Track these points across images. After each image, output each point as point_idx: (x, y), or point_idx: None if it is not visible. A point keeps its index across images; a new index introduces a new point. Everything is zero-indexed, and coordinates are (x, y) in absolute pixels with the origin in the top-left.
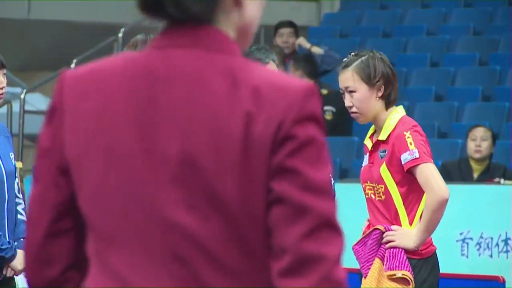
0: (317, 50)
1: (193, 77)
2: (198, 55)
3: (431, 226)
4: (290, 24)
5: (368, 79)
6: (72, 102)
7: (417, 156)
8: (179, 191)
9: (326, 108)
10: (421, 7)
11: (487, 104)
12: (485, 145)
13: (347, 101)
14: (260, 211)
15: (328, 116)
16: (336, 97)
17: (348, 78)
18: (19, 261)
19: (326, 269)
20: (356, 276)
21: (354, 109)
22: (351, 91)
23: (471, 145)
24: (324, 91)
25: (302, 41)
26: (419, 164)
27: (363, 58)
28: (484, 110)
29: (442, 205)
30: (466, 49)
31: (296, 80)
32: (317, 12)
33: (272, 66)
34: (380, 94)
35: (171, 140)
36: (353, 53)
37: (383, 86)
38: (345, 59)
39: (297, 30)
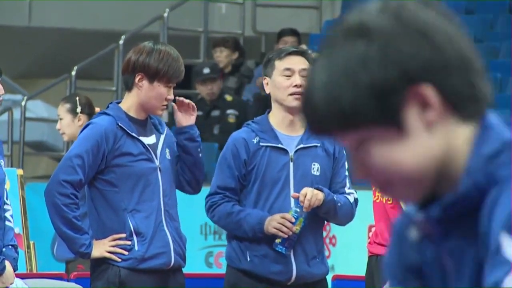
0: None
1: None
2: None
3: None
4: (293, 32)
5: None
6: None
7: None
8: None
9: None
10: None
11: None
12: None
13: None
14: None
15: None
16: None
17: None
18: (6, 276)
19: None
20: (353, 282)
21: None
22: None
23: None
24: None
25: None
26: None
27: None
28: None
29: None
30: None
31: None
32: (317, 19)
33: (300, 58)
34: None
35: None
36: None
37: None
38: None
39: (300, 39)
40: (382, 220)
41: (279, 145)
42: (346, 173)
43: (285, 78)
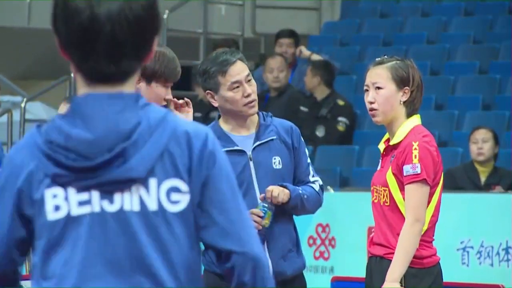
0: (317, 58)
1: None
2: None
3: (407, 256)
4: (290, 33)
5: (399, 81)
6: None
7: (418, 172)
8: None
9: (340, 119)
10: (421, 15)
11: (487, 112)
12: (487, 147)
13: (370, 96)
14: None
15: (341, 128)
16: (350, 109)
17: (379, 74)
18: None
19: None
20: (352, 284)
21: (375, 106)
22: (378, 87)
23: (473, 148)
24: (341, 102)
25: (302, 50)
26: (415, 182)
27: (399, 61)
28: (484, 118)
29: (415, 234)
30: (466, 57)
31: None
32: (317, 21)
33: (240, 65)
34: (404, 99)
35: None
36: (386, 56)
37: (410, 92)
38: (378, 58)
39: (297, 40)
40: (380, 221)
41: (235, 148)
42: (308, 161)
43: (235, 91)
